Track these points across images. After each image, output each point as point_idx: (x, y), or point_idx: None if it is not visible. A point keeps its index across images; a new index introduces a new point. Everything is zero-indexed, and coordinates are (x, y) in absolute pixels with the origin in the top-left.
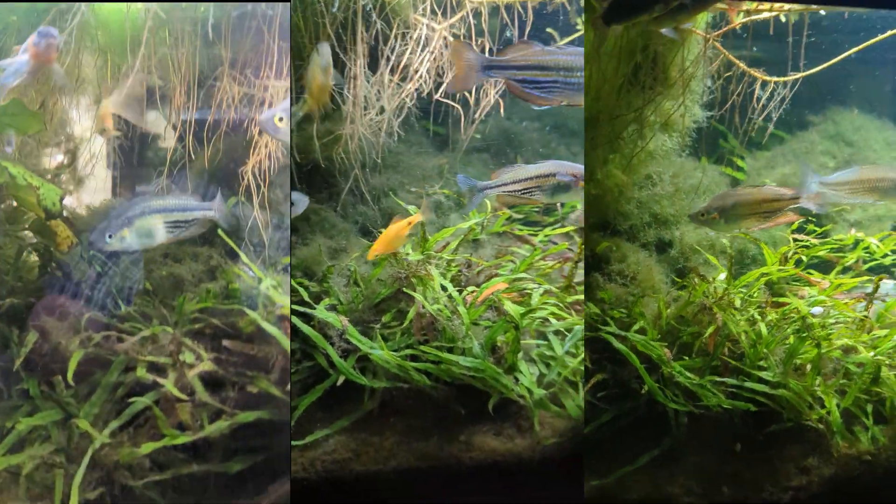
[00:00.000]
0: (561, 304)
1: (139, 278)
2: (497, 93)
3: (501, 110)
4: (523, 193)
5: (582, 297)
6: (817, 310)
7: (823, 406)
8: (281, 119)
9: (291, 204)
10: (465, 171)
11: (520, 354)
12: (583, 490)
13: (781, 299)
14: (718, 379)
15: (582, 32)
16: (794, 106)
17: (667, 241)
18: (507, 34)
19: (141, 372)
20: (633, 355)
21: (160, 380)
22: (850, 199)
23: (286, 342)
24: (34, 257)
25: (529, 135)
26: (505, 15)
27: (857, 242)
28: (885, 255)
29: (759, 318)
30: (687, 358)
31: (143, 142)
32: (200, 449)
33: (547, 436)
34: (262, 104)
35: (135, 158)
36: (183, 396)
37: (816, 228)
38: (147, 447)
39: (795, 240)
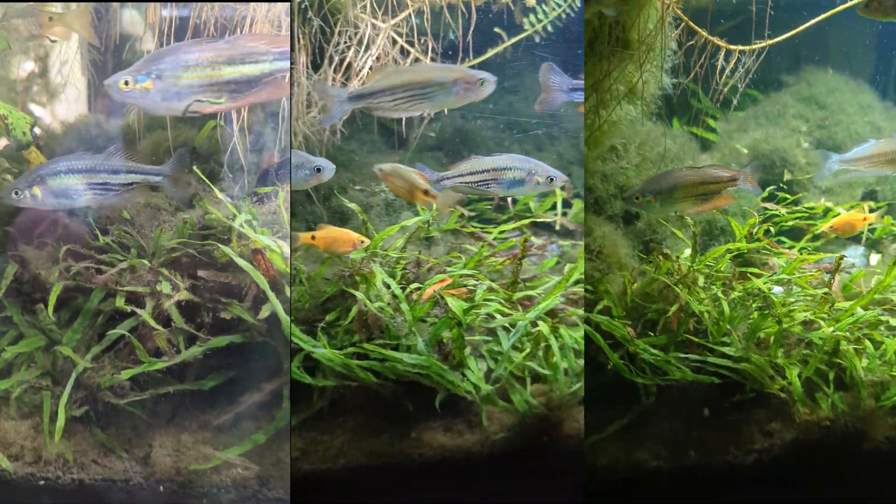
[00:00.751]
0: (503, 301)
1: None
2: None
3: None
4: (479, 185)
5: (530, 293)
6: (777, 289)
7: (785, 377)
8: (126, 83)
9: (318, 170)
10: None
11: (468, 350)
12: (536, 485)
13: (751, 269)
14: (682, 355)
15: (528, 33)
16: (770, 64)
17: (634, 213)
18: (451, 35)
19: (119, 302)
20: (597, 335)
21: (138, 310)
22: (870, 171)
23: (259, 277)
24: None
25: (483, 132)
26: (447, 15)
27: (826, 210)
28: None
29: (722, 296)
30: (652, 334)
31: (119, 51)
32: (177, 369)
33: (496, 431)
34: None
35: (110, 67)
36: (158, 327)
37: (788, 196)
38: (126, 373)
39: (766, 209)
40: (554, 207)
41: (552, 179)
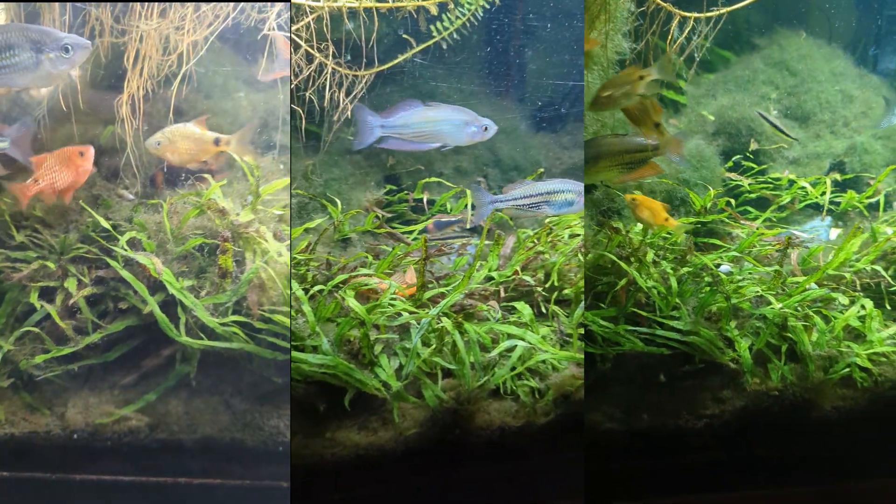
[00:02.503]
0: (404, 299)
1: None
2: (353, 98)
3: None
4: (531, 207)
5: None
6: (725, 268)
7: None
8: None
9: (486, 128)
10: (331, 172)
11: (379, 348)
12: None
13: (713, 241)
14: (630, 328)
15: (437, 39)
16: (746, 23)
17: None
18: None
19: (33, 297)
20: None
21: (47, 305)
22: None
23: (139, 285)
24: None
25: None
26: (347, 21)
27: (791, 182)
28: (823, 194)
29: (670, 271)
30: (603, 306)
31: None
32: (89, 345)
33: (409, 426)
34: None
35: None
36: (61, 323)
37: (754, 166)
38: (39, 358)
39: (730, 179)
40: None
41: (486, 129)
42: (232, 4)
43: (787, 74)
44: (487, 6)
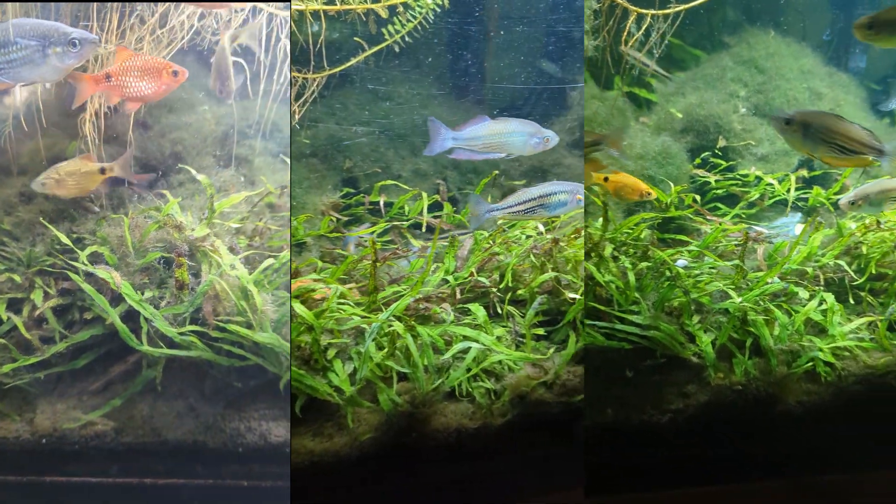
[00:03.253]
0: (351, 302)
1: None
2: (302, 102)
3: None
4: (527, 213)
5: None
6: (681, 262)
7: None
8: None
9: (547, 139)
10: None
11: (332, 353)
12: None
13: (680, 236)
14: (590, 322)
15: (388, 42)
16: (718, 21)
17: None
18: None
19: (0, 309)
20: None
21: (14, 317)
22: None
23: (99, 297)
24: None
25: (359, 139)
26: (297, 30)
27: (758, 179)
28: (788, 191)
29: (629, 266)
30: None
31: None
32: (58, 353)
33: (364, 431)
34: None
35: None
36: (28, 336)
37: (722, 162)
38: (6, 367)
39: (700, 176)
40: (430, 210)
41: (548, 140)
42: (187, 27)
43: (756, 72)
44: (437, 10)
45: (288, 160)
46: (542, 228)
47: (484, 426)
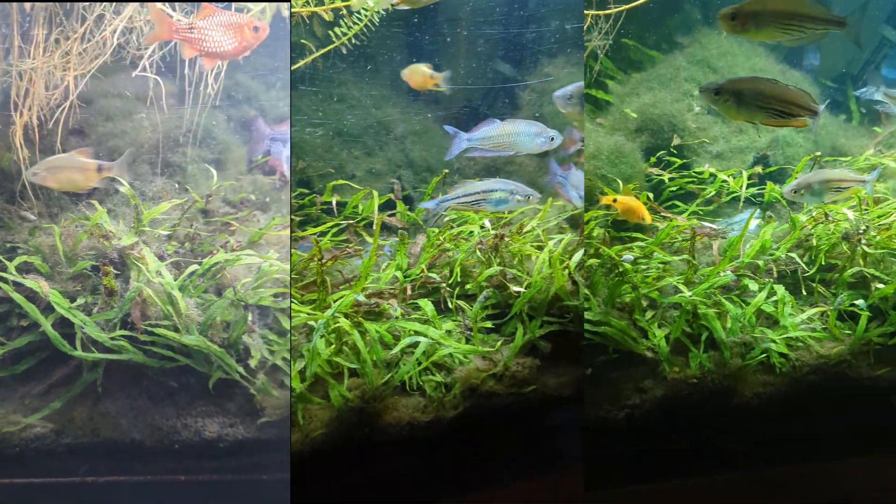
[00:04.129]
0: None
1: None
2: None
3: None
4: (473, 204)
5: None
6: (627, 257)
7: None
8: None
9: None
10: None
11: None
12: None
13: (636, 234)
14: (544, 319)
15: (336, 45)
16: (674, 24)
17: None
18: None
19: None
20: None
21: None
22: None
23: (30, 306)
24: None
25: (313, 140)
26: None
27: (712, 176)
28: (742, 186)
29: (572, 266)
30: None
31: None
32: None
33: (315, 427)
34: None
35: None
36: None
37: (678, 161)
38: None
39: (654, 175)
40: (384, 208)
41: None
42: (113, 39)
43: (709, 71)
44: (383, 13)
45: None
46: (488, 224)
47: (436, 419)
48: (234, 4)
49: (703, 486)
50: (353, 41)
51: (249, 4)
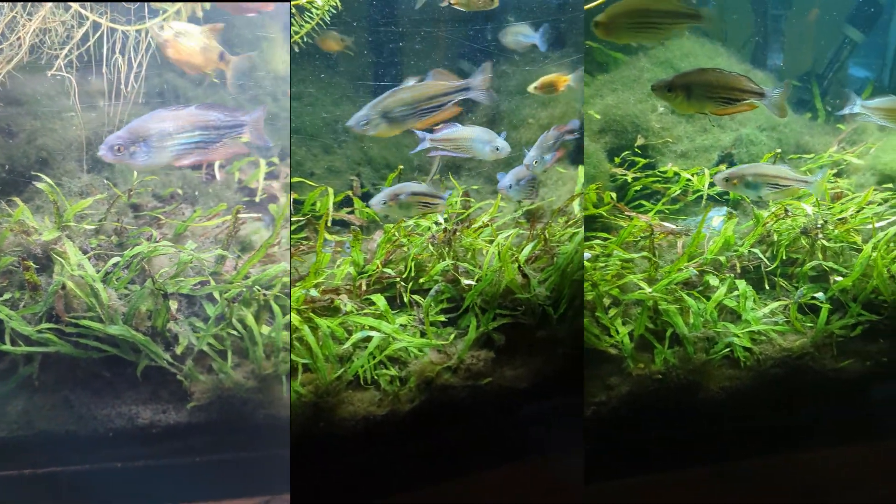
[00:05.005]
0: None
1: None
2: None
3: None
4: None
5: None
6: (586, 255)
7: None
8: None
9: (497, 148)
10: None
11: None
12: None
13: (602, 234)
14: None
15: (299, 36)
16: None
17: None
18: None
19: None
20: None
21: None
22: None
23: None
24: None
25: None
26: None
27: (677, 175)
28: (708, 185)
29: (523, 264)
30: None
31: None
32: None
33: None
34: None
35: None
36: None
37: (642, 160)
38: None
39: (618, 175)
40: (342, 206)
41: (498, 148)
42: (28, 41)
43: (672, 71)
44: (335, 10)
45: None
46: (440, 220)
47: (392, 413)
48: (233, 5)
49: (673, 481)
50: (306, 39)
51: (165, 5)
